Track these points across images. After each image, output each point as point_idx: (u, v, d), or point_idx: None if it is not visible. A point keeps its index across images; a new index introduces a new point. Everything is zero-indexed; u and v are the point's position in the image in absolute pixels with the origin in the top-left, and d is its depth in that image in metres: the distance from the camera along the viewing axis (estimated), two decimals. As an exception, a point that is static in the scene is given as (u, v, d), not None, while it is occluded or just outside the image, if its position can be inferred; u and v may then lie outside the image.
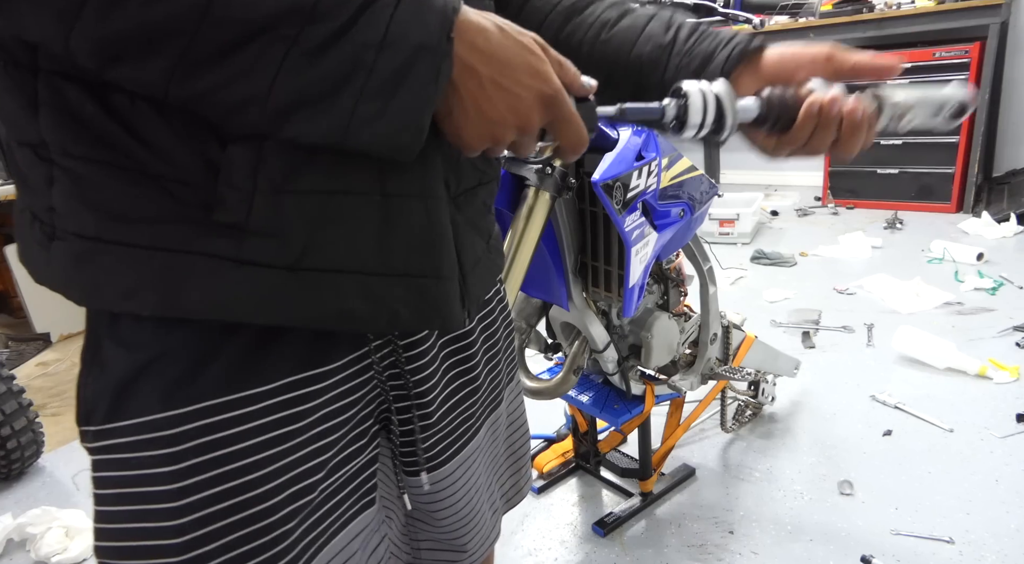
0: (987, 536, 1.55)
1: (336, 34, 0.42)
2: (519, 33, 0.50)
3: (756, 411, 2.10)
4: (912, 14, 3.63)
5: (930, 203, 3.87)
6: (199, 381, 0.50)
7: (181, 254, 0.47)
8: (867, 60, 0.59)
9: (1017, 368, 2.17)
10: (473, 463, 0.75)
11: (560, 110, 0.51)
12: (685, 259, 1.63)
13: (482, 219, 0.66)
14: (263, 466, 0.53)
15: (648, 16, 0.67)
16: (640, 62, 0.65)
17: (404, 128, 0.46)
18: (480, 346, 0.75)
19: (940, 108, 0.57)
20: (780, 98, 0.56)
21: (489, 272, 0.67)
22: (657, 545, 1.65)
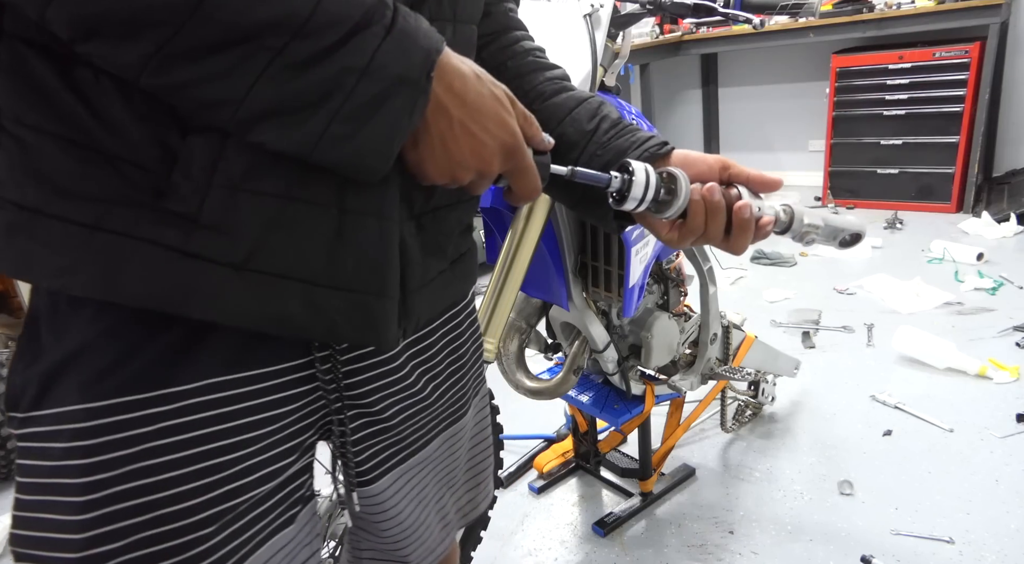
0: (987, 536, 1.55)
1: (322, 53, 0.43)
2: (493, 84, 0.52)
3: (756, 411, 2.10)
4: (912, 14, 3.63)
5: (930, 203, 3.87)
6: (119, 376, 0.49)
7: (124, 238, 0.46)
8: (754, 174, 0.65)
9: (1017, 368, 2.17)
10: (419, 474, 0.74)
11: (519, 161, 0.54)
12: (685, 259, 1.63)
13: (448, 239, 0.66)
14: (178, 467, 0.52)
15: (579, 100, 0.70)
16: (560, 140, 0.68)
17: (372, 153, 0.47)
18: (444, 359, 0.75)
19: (836, 234, 0.65)
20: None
21: (445, 291, 0.67)
22: (657, 545, 1.65)
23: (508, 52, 0.72)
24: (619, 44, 1.28)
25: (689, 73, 5.05)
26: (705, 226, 0.62)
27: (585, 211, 0.72)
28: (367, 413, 0.66)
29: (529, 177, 0.56)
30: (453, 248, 0.68)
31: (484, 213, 1.31)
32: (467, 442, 0.83)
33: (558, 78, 0.73)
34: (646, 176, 0.59)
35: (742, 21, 1.22)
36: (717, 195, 0.61)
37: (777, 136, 4.85)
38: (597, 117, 0.69)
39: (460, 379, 0.78)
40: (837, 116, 4.05)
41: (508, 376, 1.51)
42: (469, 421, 0.82)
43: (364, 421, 0.67)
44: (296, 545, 0.64)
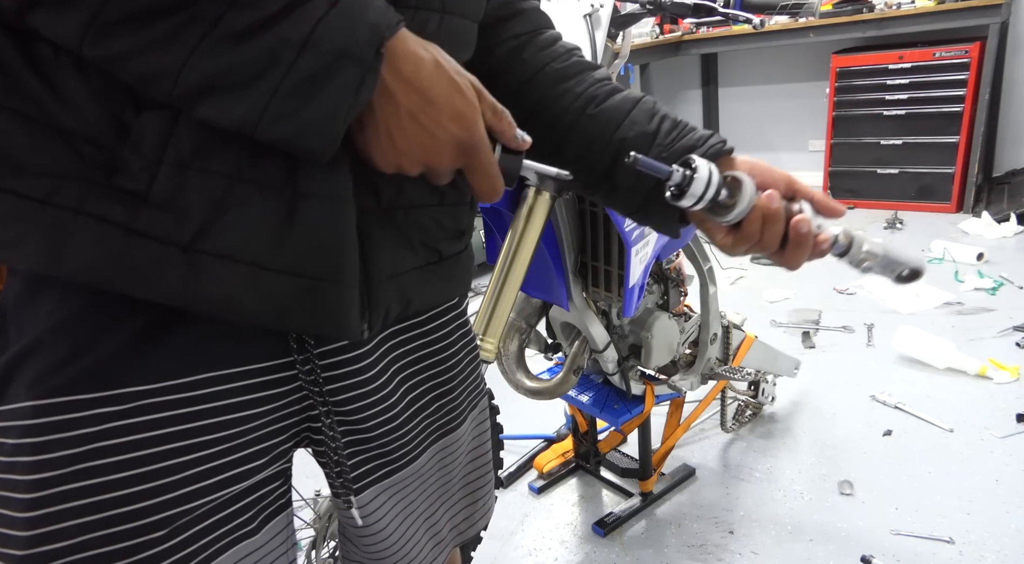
0: (987, 536, 1.55)
1: (259, 25, 0.41)
2: (456, 72, 0.48)
3: (756, 411, 2.10)
4: (912, 14, 3.63)
5: (930, 203, 3.87)
6: (68, 373, 0.49)
7: (72, 212, 0.45)
8: (820, 196, 0.62)
9: (1017, 368, 2.17)
10: (408, 488, 0.72)
11: (476, 159, 0.50)
12: (685, 259, 1.63)
13: (426, 238, 0.63)
14: (129, 468, 0.50)
15: (634, 101, 0.68)
16: (622, 145, 0.65)
17: (316, 133, 0.45)
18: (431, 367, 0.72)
19: (895, 268, 0.63)
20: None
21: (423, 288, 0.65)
22: (657, 545, 1.65)
23: (550, 54, 0.70)
24: (619, 44, 1.28)
25: (689, 73, 5.05)
26: (761, 234, 0.60)
27: (645, 216, 0.69)
28: (347, 422, 0.64)
29: (485, 177, 0.52)
30: (432, 248, 0.65)
31: (484, 213, 1.30)
32: (463, 456, 0.80)
33: (605, 79, 0.70)
34: (709, 174, 0.57)
35: (742, 21, 1.22)
36: (776, 203, 0.59)
37: (777, 136, 4.85)
38: (656, 117, 0.66)
39: (451, 390, 0.75)
40: (837, 116, 4.05)
41: (508, 376, 1.51)
42: (465, 434, 0.79)
43: (344, 429, 0.65)
44: (265, 554, 0.62)
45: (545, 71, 0.69)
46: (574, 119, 0.68)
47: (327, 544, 1.24)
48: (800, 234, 0.59)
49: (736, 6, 1.23)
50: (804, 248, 0.60)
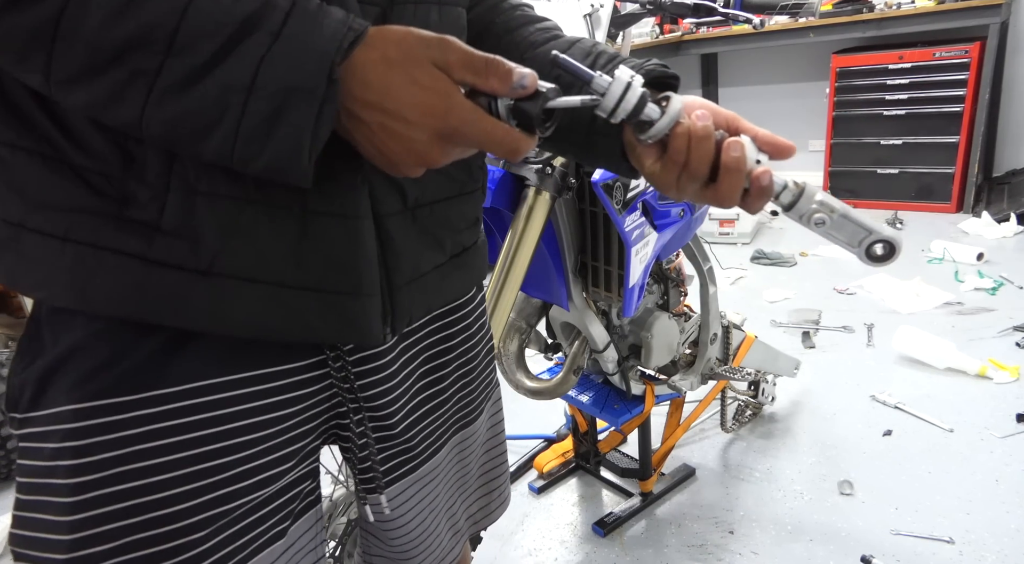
0: (987, 536, 1.55)
1: (200, 70, 0.40)
2: (412, 62, 0.44)
3: (756, 411, 2.10)
4: (912, 14, 3.63)
5: (930, 203, 3.87)
6: (107, 378, 0.49)
7: (90, 248, 0.47)
8: (765, 134, 0.57)
9: (1017, 368, 2.17)
10: (431, 483, 0.73)
11: (466, 136, 0.46)
12: (685, 259, 1.63)
13: (448, 233, 0.64)
14: (169, 470, 0.51)
15: (571, 42, 0.67)
16: (558, 81, 0.65)
17: (287, 169, 0.43)
18: (453, 360, 0.73)
19: (859, 236, 0.56)
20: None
21: (443, 285, 0.66)
22: (657, 545, 1.65)
23: (496, 10, 0.70)
24: (619, 44, 1.28)
25: (689, 73, 5.04)
26: (688, 157, 0.54)
27: (592, 155, 0.66)
28: (376, 417, 0.65)
29: (494, 144, 0.47)
30: (454, 242, 0.66)
31: (484, 213, 1.30)
32: (480, 447, 0.81)
33: (549, 28, 0.70)
34: (629, 80, 0.52)
35: (742, 21, 1.22)
36: (705, 121, 0.54)
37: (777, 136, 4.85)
38: (592, 54, 0.64)
39: (471, 382, 0.76)
40: (837, 116, 4.05)
41: (508, 376, 1.51)
42: (482, 425, 0.80)
43: (373, 425, 0.66)
44: (299, 550, 0.63)
45: (488, 28, 0.69)
46: None
47: (328, 544, 1.24)
48: (731, 157, 0.53)
49: (736, 6, 1.23)
50: (736, 177, 0.54)
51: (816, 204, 0.54)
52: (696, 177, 0.55)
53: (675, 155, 0.54)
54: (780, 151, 0.56)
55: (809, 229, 0.55)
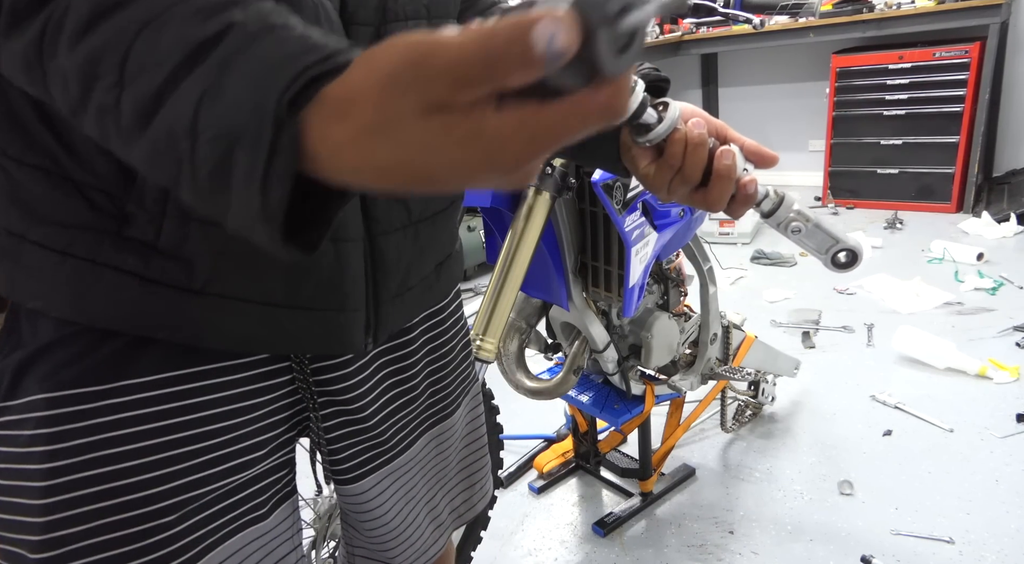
0: (987, 536, 1.55)
1: (151, 106, 0.34)
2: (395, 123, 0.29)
3: (756, 411, 2.10)
4: (912, 14, 3.63)
5: (930, 203, 3.87)
6: (79, 367, 0.51)
7: (90, 263, 0.48)
8: (752, 144, 0.59)
9: (1017, 368, 2.17)
10: (407, 475, 0.74)
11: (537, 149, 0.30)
12: (685, 259, 1.63)
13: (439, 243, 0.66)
14: (138, 456, 0.52)
15: None
16: None
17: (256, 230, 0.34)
18: (423, 357, 0.74)
19: (828, 245, 0.60)
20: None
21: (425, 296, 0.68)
22: (657, 545, 1.65)
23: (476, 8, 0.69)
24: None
25: (689, 73, 5.05)
26: (683, 162, 0.56)
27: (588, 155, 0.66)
28: (345, 411, 0.67)
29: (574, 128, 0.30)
30: (440, 252, 0.68)
31: (484, 213, 1.30)
32: (459, 441, 0.82)
33: None
34: (633, 84, 0.54)
35: (742, 21, 1.22)
36: (701, 129, 0.56)
37: (777, 136, 4.85)
38: None
39: (444, 377, 0.78)
40: (837, 116, 4.05)
41: (508, 376, 1.51)
42: (460, 419, 0.81)
43: (343, 419, 0.67)
44: (273, 539, 0.64)
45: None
46: None
47: (327, 544, 1.24)
48: (723, 165, 0.56)
49: (736, 6, 1.23)
50: (726, 184, 0.56)
51: (793, 213, 0.59)
52: (688, 182, 0.57)
53: (671, 159, 0.57)
54: (764, 161, 0.59)
55: (784, 235, 0.60)
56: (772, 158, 0.60)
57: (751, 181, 0.57)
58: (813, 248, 0.60)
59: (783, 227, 0.59)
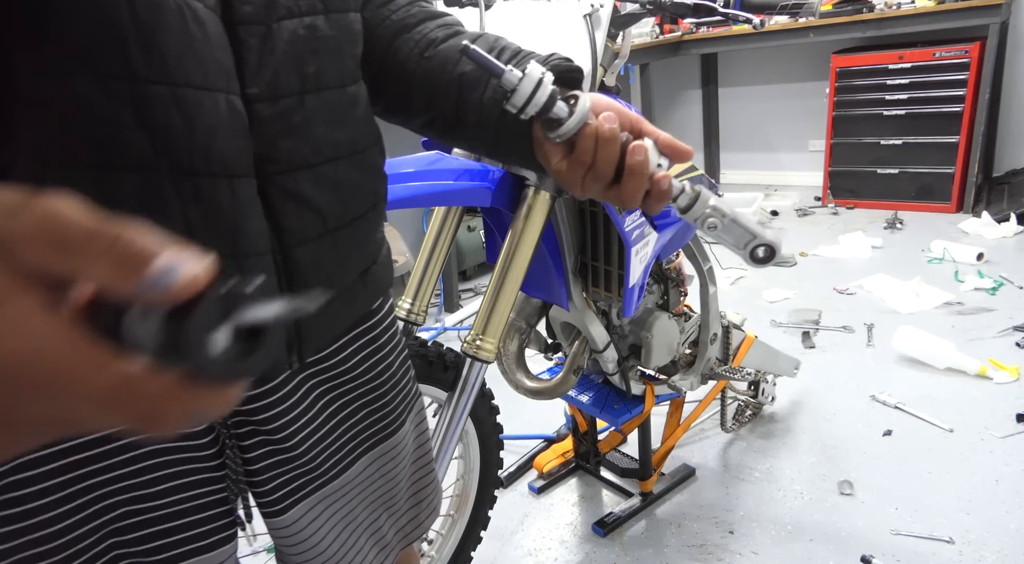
0: (987, 536, 1.55)
1: None
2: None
3: (756, 411, 2.10)
4: (912, 14, 3.63)
5: (930, 203, 3.87)
6: None
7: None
8: (666, 138, 0.57)
9: (1017, 368, 2.17)
10: (343, 499, 0.71)
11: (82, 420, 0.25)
12: (685, 259, 1.62)
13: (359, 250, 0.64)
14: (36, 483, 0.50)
15: (473, 37, 0.65)
16: (461, 81, 0.63)
17: None
18: (359, 376, 0.70)
19: (745, 240, 0.59)
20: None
21: (351, 307, 0.65)
22: (657, 545, 1.65)
23: (392, 6, 0.67)
24: (619, 44, 1.27)
25: (689, 73, 5.05)
26: (594, 157, 0.55)
27: (500, 149, 0.65)
28: (270, 440, 0.63)
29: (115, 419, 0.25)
30: (365, 258, 0.65)
31: (484, 213, 1.30)
32: (408, 459, 0.78)
33: (450, 24, 0.67)
34: (541, 76, 0.53)
35: (742, 21, 1.22)
36: (612, 123, 0.54)
37: (777, 136, 4.85)
38: (496, 49, 0.63)
39: (384, 394, 0.73)
40: (837, 116, 4.05)
41: (508, 376, 1.51)
42: (407, 438, 0.78)
43: (268, 449, 0.63)
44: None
45: (385, 25, 0.66)
46: (415, 66, 0.65)
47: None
48: (635, 160, 0.54)
49: (736, 6, 1.23)
50: (639, 180, 0.55)
51: (710, 209, 0.58)
52: (601, 178, 0.56)
53: (582, 155, 0.55)
54: (679, 155, 0.58)
55: (702, 231, 0.59)
56: (686, 152, 0.58)
57: (664, 177, 0.56)
58: (731, 243, 0.59)
59: (700, 223, 0.59)
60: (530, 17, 1.22)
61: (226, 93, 0.49)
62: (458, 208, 1.25)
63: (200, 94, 0.47)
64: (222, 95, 0.48)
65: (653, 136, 0.57)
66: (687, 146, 0.58)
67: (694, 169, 1.43)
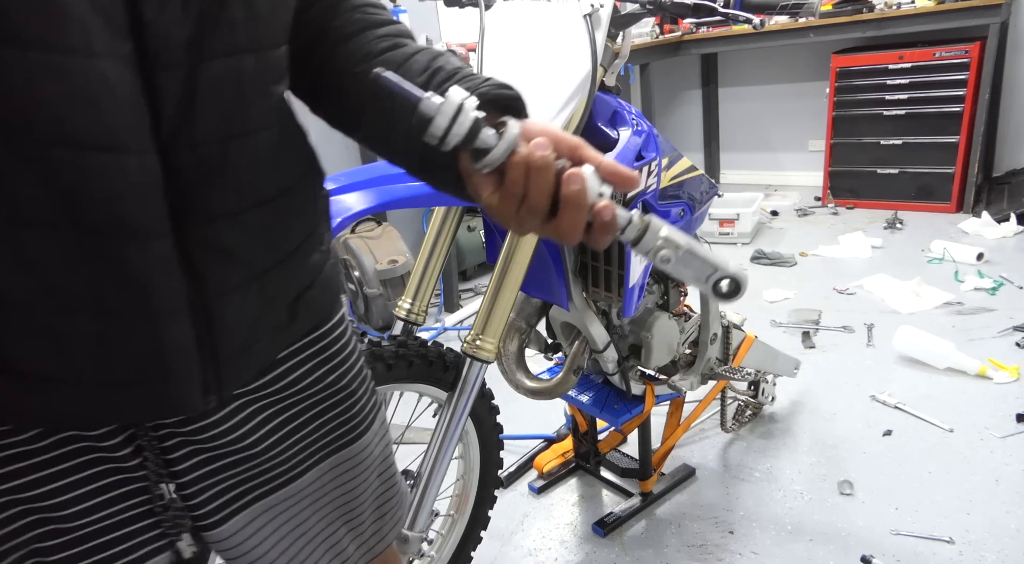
0: (987, 536, 1.55)
1: None
2: None
3: (756, 411, 2.10)
4: (912, 14, 3.63)
5: (930, 203, 3.87)
6: None
7: None
8: (608, 163, 0.52)
9: (1017, 368, 2.17)
10: (292, 509, 0.68)
11: None
12: (685, 259, 1.62)
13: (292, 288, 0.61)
14: None
15: (409, 54, 0.59)
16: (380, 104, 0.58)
17: None
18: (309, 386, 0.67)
19: (705, 273, 0.53)
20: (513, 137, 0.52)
21: (284, 335, 0.63)
22: (657, 545, 1.65)
23: (332, 12, 0.61)
24: (619, 44, 1.28)
25: (689, 73, 5.04)
26: (526, 188, 0.50)
27: (426, 173, 0.60)
28: (205, 449, 0.60)
29: None
30: (294, 292, 0.62)
31: (484, 213, 1.30)
32: (374, 470, 0.74)
33: (391, 35, 0.61)
34: (461, 102, 0.48)
35: (742, 21, 1.22)
36: (543, 150, 0.49)
37: (777, 136, 4.85)
38: (430, 70, 0.58)
39: (337, 405, 0.70)
40: (837, 116, 4.05)
41: (508, 376, 1.51)
42: (371, 446, 0.74)
43: (200, 458, 0.60)
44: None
45: (324, 33, 0.61)
46: (349, 81, 0.61)
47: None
48: (570, 191, 0.49)
49: (736, 6, 1.23)
50: (576, 212, 0.49)
51: (661, 241, 0.52)
52: (535, 211, 0.50)
53: (512, 186, 0.50)
54: (623, 182, 0.52)
55: (656, 265, 0.54)
56: (631, 179, 0.53)
57: (606, 207, 0.50)
58: (691, 277, 0.54)
59: (652, 255, 0.53)
60: (530, 17, 1.22)
61: (139, 153, 0.46)
62: (458, 208, 1.25)
63: (107, 158, 0.44)
64: (133, 157, 0.45)
65: (594, 162, 0.52)
66: (631, 172, 0.53)
67: (694, 169, 1.43)
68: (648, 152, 1.24)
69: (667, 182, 1.33)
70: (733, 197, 3.94)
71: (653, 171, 1.26)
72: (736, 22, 1.23)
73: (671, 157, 1.34)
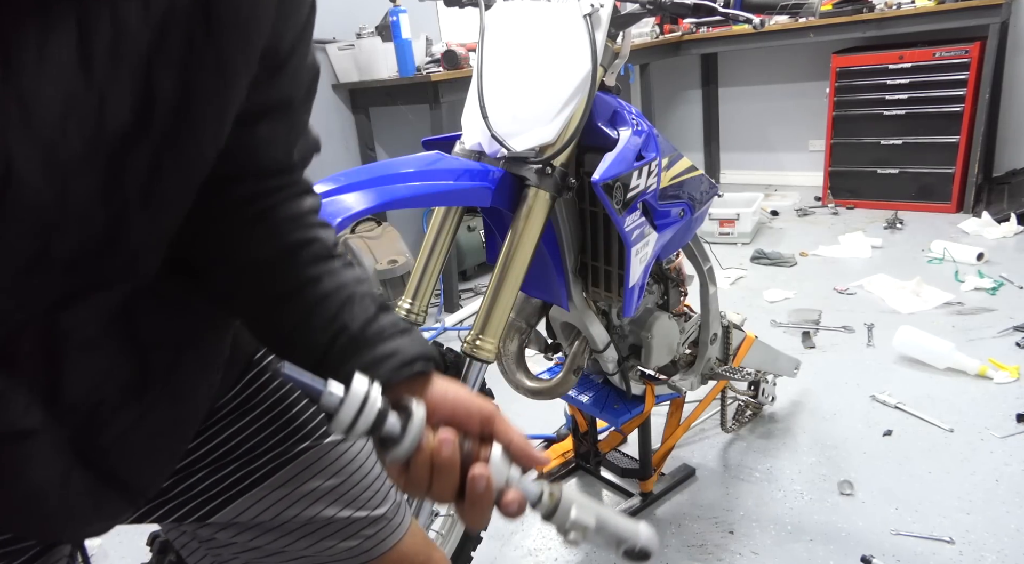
0: (987, 536, 1.55)
1: None
2: None
3: (756, 411, 2.10)
4: (912, 14, 3.63)
5: (930, 203, 3.87)
6: None
7: None
8: (518, 442, 0.52)
9: (1017, 368, 2.17)
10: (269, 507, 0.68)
11: None
12: (685, 259, 1.63)
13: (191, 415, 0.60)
14: None
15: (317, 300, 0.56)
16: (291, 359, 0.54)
17: None
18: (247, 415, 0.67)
19: (619, 542, 0.54)
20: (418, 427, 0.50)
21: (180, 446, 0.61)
22: (657, 545, 1.64)
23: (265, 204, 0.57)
24: (619, 44, 1.27)
25: (689, 73, 5.05)
26: (430, 484, 0.49)
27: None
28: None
29: None
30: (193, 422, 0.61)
31: (484, 213, 1.31)
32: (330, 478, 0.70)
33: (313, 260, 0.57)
34: (365, 397, 0.47)
35: (742, 21, 1.22)
36: (448, 450, 0.48)
37: (777, 136, 4.85)
38: (334, 328, 0.55)
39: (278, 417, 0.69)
40: (837, 116, 4.05)
41: (508, 376, 1.51)
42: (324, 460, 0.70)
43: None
44: None
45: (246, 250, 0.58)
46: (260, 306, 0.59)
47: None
48: (475, 492, 0.48)
49: (736, 6, 1.23)
50: (482, 508, 0.49)
51: (570, 523, 0.52)
52: (442, 500, 0.50)
53: (417, 480, 0.50)
54: (532, 463, 0.52)
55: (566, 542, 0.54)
56: (540, 461, 0.53)
57: (512, 502, 0.49)
58: (603, 544, 0.54)
59: (563, 532, 0.52)
60: (530, 17, 1.22)
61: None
62: (458, 208, 1.25)
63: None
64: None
65: (504, 440, 0.51)
66: (541, 455, 0.53)
67: (694, 169, 1.43)
68: (648, 152, 1.24)
69: (667, 182, 1.33)
70: (733, 197, 3.94)
71: (653, 171, 1.26)
72: (736, 22, 1.23)
73: (671, 157, 1.34)
